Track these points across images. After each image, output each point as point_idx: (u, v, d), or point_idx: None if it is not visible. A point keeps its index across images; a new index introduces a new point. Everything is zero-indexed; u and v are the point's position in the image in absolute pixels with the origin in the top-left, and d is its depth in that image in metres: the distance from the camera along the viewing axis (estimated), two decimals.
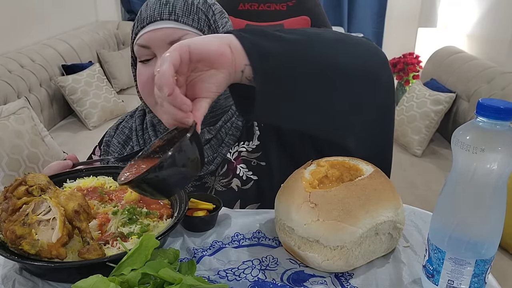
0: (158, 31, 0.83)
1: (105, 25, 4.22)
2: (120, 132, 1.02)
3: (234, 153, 0.93)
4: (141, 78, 0.88)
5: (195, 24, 0.84)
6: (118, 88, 3.81)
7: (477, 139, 0.53)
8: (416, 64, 3.85)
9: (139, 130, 0.98)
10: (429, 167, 2.67)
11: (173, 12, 0.83)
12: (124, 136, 1.01)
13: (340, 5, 4.43)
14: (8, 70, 2.67)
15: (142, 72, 0.88)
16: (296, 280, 0.63)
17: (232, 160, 0.92)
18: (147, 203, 0.74)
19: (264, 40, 0.67)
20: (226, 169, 0.91)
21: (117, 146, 1.00)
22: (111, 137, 1.03)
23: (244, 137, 0.94)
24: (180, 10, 0.84)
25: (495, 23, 3.15)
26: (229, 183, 0.91)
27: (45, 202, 0.62)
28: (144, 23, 0.84)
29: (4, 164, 2.07)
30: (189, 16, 0.84)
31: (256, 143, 0.93)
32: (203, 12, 0.86)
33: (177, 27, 0.83)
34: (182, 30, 0.83)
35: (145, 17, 0.84)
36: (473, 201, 0.56)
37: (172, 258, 0.63)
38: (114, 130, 1.04)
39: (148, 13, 0.84)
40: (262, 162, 0.92)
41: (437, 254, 0.59)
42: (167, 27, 0.83)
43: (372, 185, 0.65)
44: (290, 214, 0.65)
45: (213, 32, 0.86)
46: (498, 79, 2.59)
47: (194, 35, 0.84)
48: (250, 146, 0.93)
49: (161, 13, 0.83)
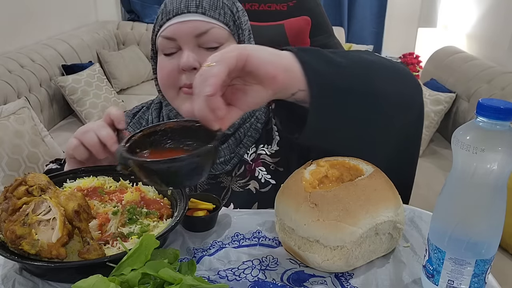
0: (185, 24, 0.83)
1: (105, 25, 4.22)
2: (136, 122, 1.01)
3: (252, 154, 0.93)
4: (164, 71, 0.88)
5: (221, 18, 0.85)
6: (118, 88, 3.81)
7: (477, 139, 0.53)
8: (416, 64, 3.86)
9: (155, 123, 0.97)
10: (429, 167, 2.67)
11: (200, 5, 0.84)
12: (141, 127, 0.99)
13: (340, 5, 4.43)
14: (8, 70, 2.67)
15: (165, 65, 0.87)
16: (296, 280, 0.63)
17: (250, 161, 0.92)
18: (147, 203, 0.74)
19: (324, 66, 0.66)
20: (243, 170, 0.91)
21: None
22: (127, 125, 1.01)
23: (263, 139, 0.93)
24: (207, 3, 0.84)
25: (495, 23, 3.15)
26: (247, 184, 0.91)
27: (45, 202, 0.62)
28: (170, 15, 0.84)
29: (4, 164, 2.07)
30: (216, 10, 0.84)
31: (275, 148, 0.93)
32: (228, 7, 0.87)
33: (204, 20, 0.83)
34: (209, 23, 0.84)
35: (171, 9, 0.84)
36: (473, 201, 0.56)
37: (172, 258, 0.63)
38: (130, 119, 1.02)
39: (174, 6, 0.84)
40: (281, 168, 0.92)
41: (437, 254, 0.59)
42: (194, 20, 0.83)
43: (372, 185, 0.65)
44: (290, 214, 0.65)
45: (237, 28, 0.88)
46: (498, 79, 2.59)
47: (221, 29, 0.85)
48: (269, 150, 0.93)
49: (188, 5, 0.83)
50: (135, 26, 4.36)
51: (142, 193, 0.76)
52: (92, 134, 0.78)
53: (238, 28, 0.88)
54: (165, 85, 0.89)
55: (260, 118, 0.94)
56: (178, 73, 0.85)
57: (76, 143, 0.79)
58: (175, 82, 0.86)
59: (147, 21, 4.38)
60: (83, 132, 0.80)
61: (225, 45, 0.86)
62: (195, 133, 0.60)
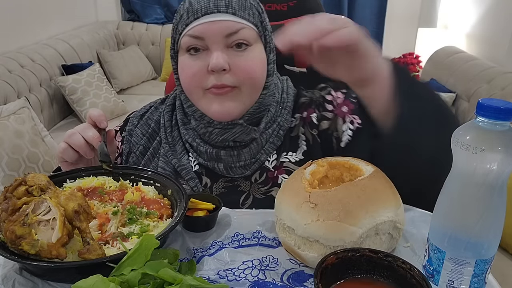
0: (215, 24, 0.82)
1: (105, 25, 4.22)
2: (145, 123, 1.00)
3: (273, 162, 0.92)
4: (189, 71, 0.86)
5: (251, 19, 0.85)
6: (118, 88, 3.81)
7: (477, 139, 0.53)
8: (416, 64, 3.85)
9: (167, 126, 0.96)
10: None
11: (230, 5, 0.83)
12: (150, 129, 0.99)
13: (340, 5, 4.43)
14: (8, 70, 2.67)
15: (191, 64, 0.86)
16: (296, 280, 0.63)
17: (271, 168, 0.91)
18: (147, 203, 0.74)
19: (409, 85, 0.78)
20: (265, 178, 0.91)
21: (141, 137, 0.98)
22: (134, 127, 1.00)
23: (286, 147, 0.93)
24: (236, 3, 0.84)
25: (495, 23, 3.15)
26: (269, 191, 0.90)
27: (45, 202, 0.62)
28: (199, 14, 0.83)
29: (4, 164, 2.07)
30: (245, 11, 0.84)
31: (300, 157, 0.92)
32: (255, 8, 0.87)
33: (235, 20, 0.83)
34: (239, 23, 0.83)
35: (199, 8, 0.83)
36: (473, 201, 0.56)
37: (172, 258, 0.63)
38: (138, 120, 1.01)
39: (202, 5, 0.83)
40: None
41: (437, 254, 0.59)
42: (225, 20, 0.82)
43: (372, 185, 0.65)
44: (290, 214, 0.65)
45: (264, 29, 0.88)
46: (498, 79, 2.59)
47: (251, 30, 0.85)
48: (293, 158, 0.92)
49: (218, 5, 0.82)
50: (135, 26, 4.36)
51: (142, 193, 0.76)
52: (78, 136, 0.82)
53: (264, 29, 0.88)
54: (191, 86, 0.88)
55: (282, 125, 0.93)
56: (205, 74, 0.84)
57: (64, 146, 0.83)
58: (202, 83, 0.85)
59: (147, 21, 4.38)
60: (70, 135, 0.83)
61: (253, 46, 0.85)
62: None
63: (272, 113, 0.93)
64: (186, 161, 0.93)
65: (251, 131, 0.89)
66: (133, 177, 0.80)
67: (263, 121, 0.91)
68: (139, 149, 0.97)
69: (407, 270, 0.56)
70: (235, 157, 0.90)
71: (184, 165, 0.92)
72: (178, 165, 0.92)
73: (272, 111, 0.92)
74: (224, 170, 0.91)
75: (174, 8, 4.38)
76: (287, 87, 0.98)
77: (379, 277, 0.58)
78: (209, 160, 0.92)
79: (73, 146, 0.82)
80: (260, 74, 0.88)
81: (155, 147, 0.96)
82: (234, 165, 0.91)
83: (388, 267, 0.57)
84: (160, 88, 3.71)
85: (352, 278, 0.58)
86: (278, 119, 0.93)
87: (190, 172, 0.92)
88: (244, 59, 0.84)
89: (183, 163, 0.92)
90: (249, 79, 0.86)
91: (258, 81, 0.88)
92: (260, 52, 0.88)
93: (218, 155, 0.90)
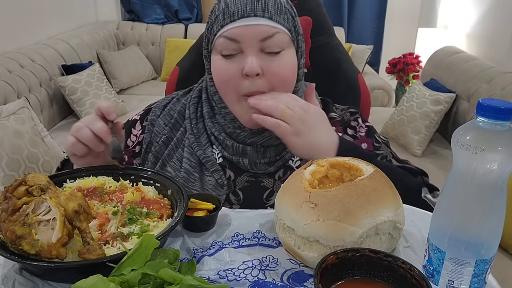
0: (252, 27, 0.83)
1: (105, 25, 4.22)
2: (167, 114, 1.01)
3: (297, 161, 0.94)
4: (224, 75, 0.87)
5: (286, 24, 0.85)
6: (118, 88, 3.81)
7: (477, 139, 0.53)
8: (416, 64, 3.85)
9: (193, 118, 0.97)
10: (429, 167, 2.67)
11: (267, 9, 0.83)
12: (173, 119, 0.99)
13: (340, 5, 4.43)
14: (8, 70, 2.67)
15: (225, 68, 0.86)
16: (296, 280, 0.63)
17: (295, 167, 0.93)
18: (147, 203, 0.74)
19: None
20: (288, 176, 0.91)
21: (164, 128, 0.99)
22: (157, 117, 1.01)
23: None
24: (272, 8, 0.84)
25: (495, 23, 3.15)
26: None
27: (45, 202, 0.62)
28: (235, 17, 0.83)
29: (4, 164, 2.07)
30: (281, 15, 0.84)
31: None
32: (289, 12, 0.87)
33: (270, 25, 0.83)
34: (275, 28, 0.84)
35: (235, 11, 0.83)
36: (473, 201, 0.56)
37: (172, 258, 0.63)
38: (160, 110, 1.02)
39: (239, 7, 0.83)
40: None
41: (437, 254, 0.59)
42: (261, 24, 0.83)
43: (372, 185, 0.65)
44: (290, 214, 0.65)
45: (297, 34, 0.89)
46: (498, 79, 2.59)
47: (285, 34, 0.85)
48: None
49: (255, 9, 0.82)
50: (135, 26, 4.36)
51: (142, 193, 0.76)
52: (86, 129, 0.80)
53: (297, 34, 0.89)
54: (225, 89, 0.88)
55: None
56: (239, 78, 0.85)
57: (73, 140, 0.81)
58: (237, 88, 0.86)
59: (147, 21, 4.39)
60: (77, 129, 0.81)
61: (286, 51, 0.86)
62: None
63: None
64: (210, 153, 0.95)
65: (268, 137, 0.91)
66: (133, 177, 0.80)
67: None
68: (161, 138, 0.98)
69: (407, 270, 0.56)
70: (261, 154, 0.93)
71: (209, 157, 0.94)
72: (203, 157, 0.94)
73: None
74: (248, 165, 0.93)
75: (174, 8, 4.38)
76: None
77: (379, 277, 0.58)
78: (234, 155, 0.93)
79: (81, 140, 0.80)
80: (291, 78, 0.89)
81: (178, 137, 0.97)
82: (259, 161, 0.92)
83: (388, 267, 0.57)
84: (160, 88, 3.71)
85: (352, 278, 0.58)
86: None
87: (215, 164, 0.93)
88: (277, 64, 0.85)
89: (208, 155, 0.94)
90: (282, 84, 0.87)
91: (290, 86, 0.90)
92: (292, 56, 0.88)
93: (245, 151, 0.92)
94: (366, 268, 0.59)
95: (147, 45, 4.32)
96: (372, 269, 0.58)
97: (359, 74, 1.29)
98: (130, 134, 1.02)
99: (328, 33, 1.27)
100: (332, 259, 0.57)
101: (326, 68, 1.22)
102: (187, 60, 1.34)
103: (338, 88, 1.22)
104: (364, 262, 0.58)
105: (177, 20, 4.44)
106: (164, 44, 4.23)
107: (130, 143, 1.01)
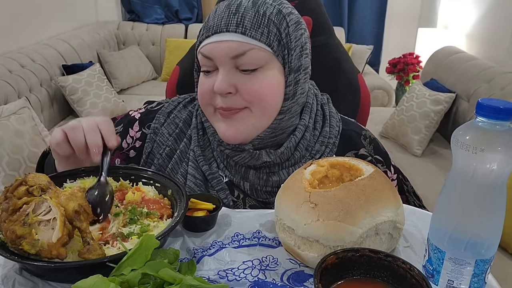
0: (222, 44, 0.79)
1: (105, 25, 4.22)
2: (172, 122, 0.95)
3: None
4: (201, 89, 0.85)
5: (263, 39, 0.79)
6: (119, 88, 3.82)
7: (477, 139, 0.53)
8: (416, 64, 3.85)
9: (200, 128, 0.92)
10: (429, 167, 2.67)
11: (241, 24, 0.78)
12: (177, 128, 0.94)
13: (340, 5, 4.43)
14: (9, 70, 2.67)
15: (203, 82, 0.84)
16: (296, 280, 0.63)
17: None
18: (148, 203, 0.74)
19: None
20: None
21: (168, 138, 0.93)
22: (161, 125, 0.94)
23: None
24: (249, 21, 0.78)
25: (495, 23, 3.15)
26: None
27: (45, 202, 0.62)
28: (209, 32, 0.80)
29: (4, 164, 2.07)
30: (258, 29, 0.78)
31: None
32: (275, 24, 0.80)
33: (242, 41, 0.78)
34: (247, 44, 0.78)
35: (212, 25, 0.80)
36: (473, 201, 0.56)
37: (172, 258, 0.63)
38: (165, 118, 0.95)
39: (215, 22, 0.80)
40: None
41: (437, 254, 0.59)
42: (231, 40, 0.78)
43: (372, 185, 0.65)
44: (290, 214, 0.65)
45: (283, 48, 0.81)
46: (498, 79, 2.60)
47: (261, 51, 0.79)
48: None
49: (228, 24, 0.78)
50: (135, 26, 4.36)
51: (142, 193, 0.76)
52: (81, 134, 0.76)
53: (284, 48, 0.81)
54: (202, 103, 0.86)
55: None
56: (214, 94, 0.82)
57: (60, 138, 0.76)
58: (212, 102, 0.84)
59: (147, 21, 4.39)
60: (72, 128, 0.76)
61: (265, 67, 0.80)
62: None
63: (299, 138, 0.88)
64: (216, 169, 0.90)
65: (259, 156, 0.85)
66: (133, 177, 0.80)
67: (284, 146, 0.87)
68: (165, 150, 0.93)
69: (407, 270, 0.56)
70: (263, 181, 0.88)
71: (214, 174, 0.89)
72: (208, 173, 0.89)
73: (298, 135, 0.87)
74: (249, 190, 0.88)
75: (174, 8, 4.39)
76: (330, 116, 0.94)
77: (379, 277, 0.58)
78: (235, 175, 0.89)
79: (71, 140, 0.76)
80: (271, 98, 0.82)
81: (182, 150, 0.92)
82: (261, 188, 0.88)
83: (388, 267, 0.58)
84: (160, 88, 3.72)
85: (352, 278, 0.58)
86: (317, 156, 0.89)
87: (220, 182, 0.88)
88: (251, 83, 0.80)
89: (213, 171, 0.89)
90: (258, 102, 0.81)
91: (270, 105, 0.83)
92: (274, 74, 0.82)
93: (246, 174, 0.88)
94: (366, 268, 0.59)
95: (148, 45, 4.33)
96: (372, 269, 0.58)
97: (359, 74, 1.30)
98: (126, 135, 0.96)
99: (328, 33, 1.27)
100: (332, 259, 0.57)
101: (326, 68, 1.22)
102: (187, 60, 1.34)
103: (338, 88, 1.22)
104: (364, 262, 0.59)
105: (177, 20, 4.44)
106: (164, 44, 4.23)
107: (125, 145, 0.96)
